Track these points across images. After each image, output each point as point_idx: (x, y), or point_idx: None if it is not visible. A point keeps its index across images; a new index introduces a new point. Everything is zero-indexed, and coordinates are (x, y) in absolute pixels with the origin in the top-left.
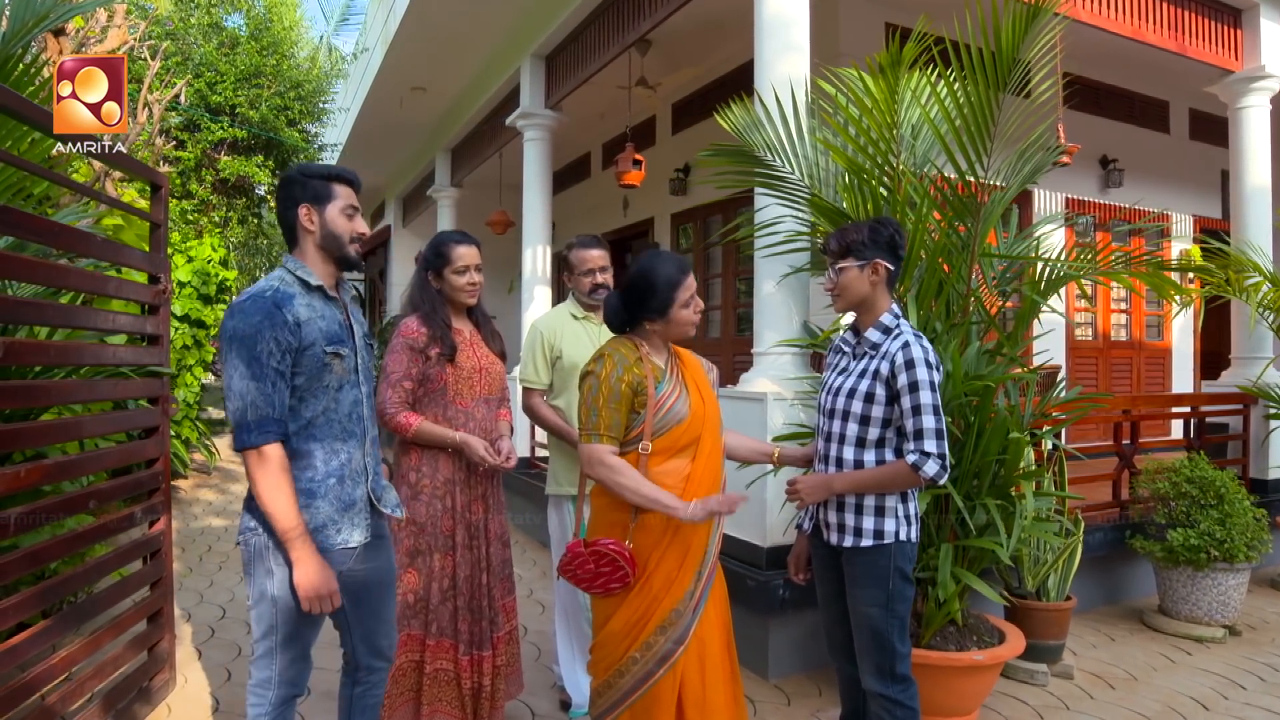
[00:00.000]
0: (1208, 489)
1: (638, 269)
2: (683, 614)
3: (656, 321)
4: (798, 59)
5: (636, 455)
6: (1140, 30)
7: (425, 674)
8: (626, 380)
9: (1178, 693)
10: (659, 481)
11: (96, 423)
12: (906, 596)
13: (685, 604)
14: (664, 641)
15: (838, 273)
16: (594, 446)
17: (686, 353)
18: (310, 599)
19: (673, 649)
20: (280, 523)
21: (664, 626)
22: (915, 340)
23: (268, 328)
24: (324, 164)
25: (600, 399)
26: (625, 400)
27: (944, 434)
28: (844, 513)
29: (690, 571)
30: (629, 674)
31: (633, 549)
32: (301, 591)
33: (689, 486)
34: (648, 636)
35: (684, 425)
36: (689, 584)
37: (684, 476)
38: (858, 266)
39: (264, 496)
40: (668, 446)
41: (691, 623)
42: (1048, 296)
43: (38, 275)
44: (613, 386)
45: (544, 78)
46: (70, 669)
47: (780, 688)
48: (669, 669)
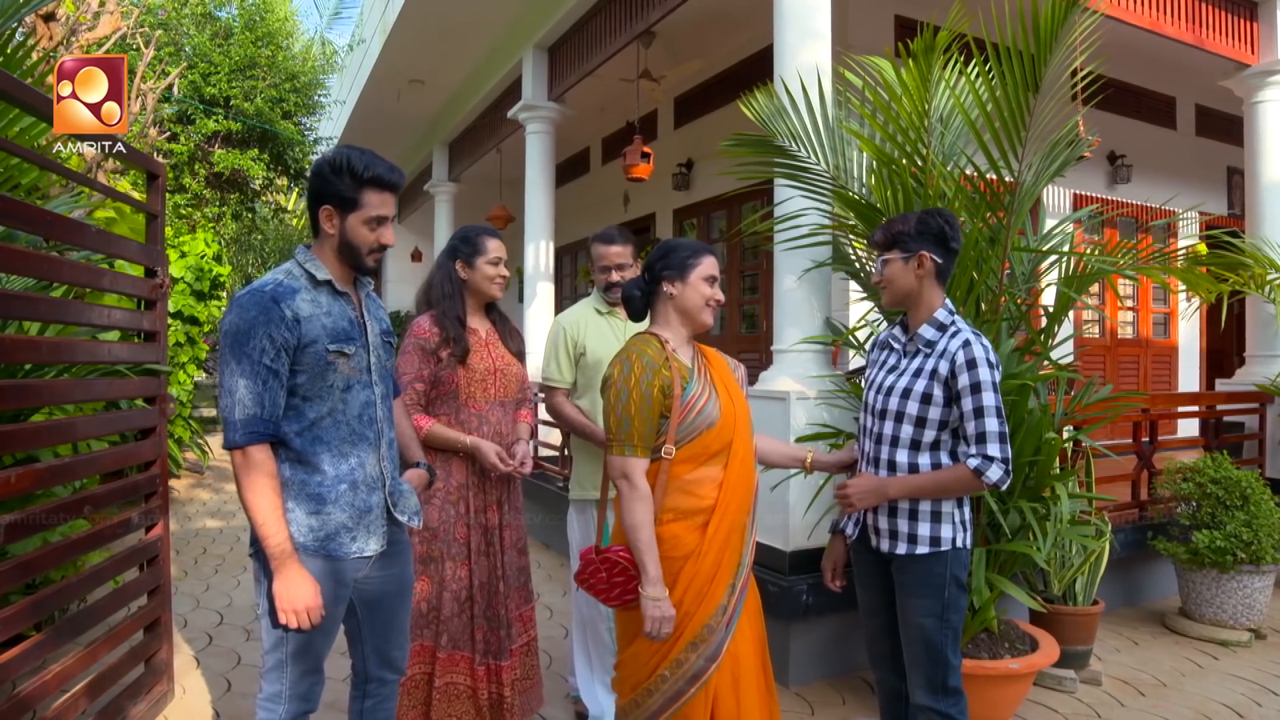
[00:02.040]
0: (1232, 489)
1: (664, 240)
2: (715, 629)
3: (675, 283)
4: (820, 46)
5: (660, 463)
6: (1158, 22)
7: (435, 688)
8: (658, 384)
9: (1209, 699)
10: (690, 491)
11: (91, 424)
12: (961, 606)
13: (718, 618)
14: (696, 659)
15: (882, 265)
16: (628, 460)
17: (713, 351)
18: (286, 612)
19: (705, 666)
20: (260, 529)
21: (695, 643)
22: (975, 339)
23: (262, 324)
24: (360, 157)
25: (632, 406)
26: (658, 405)
27: (1007, 437)
28: (897, 518)
29: (723, 584)
30: (658, 693)
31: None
32: (279, 604)
33: (723, 495)
34: (678, 654)
35: (715, 430)
36: (722, 597)
37: (717, 484)
38: (902, 259)
39: (245, 499)
40: (698, 453)
41: (725, 638)
42: (1081, 292)
43: (29, 267)
44: (644, 391)
45: (547, 70)
46: (65, 683)
47: (802, 696)
48: (701, 687)
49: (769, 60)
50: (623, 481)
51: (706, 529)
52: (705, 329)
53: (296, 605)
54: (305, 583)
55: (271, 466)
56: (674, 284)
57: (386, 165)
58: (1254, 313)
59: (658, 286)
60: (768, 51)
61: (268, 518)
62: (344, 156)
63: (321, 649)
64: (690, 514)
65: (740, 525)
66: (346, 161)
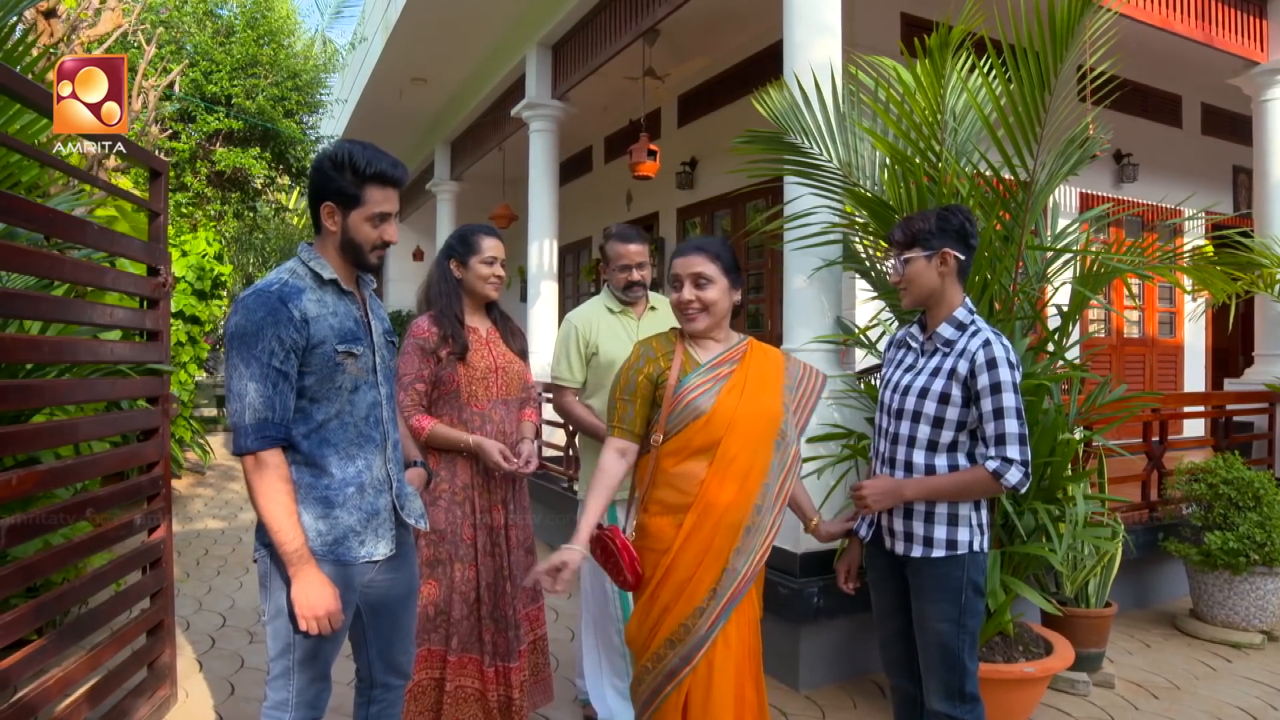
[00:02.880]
0: (1245, 490)
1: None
2: (692, 630)
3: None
4: (830, 41)
5: (651, 453)
6: (1168, 19)
7: (446, 692)
8: (645, 372)
9: (1224, 703)
10: (675, 485)
11: (93, 425)
12: (979, 610)
13: (695, 619)
14: (672, 656)
15: (904, 264)
16: (609, 439)
17: (764, 349)
18: (308, 619)
19: (680, 666)
20: (276, 534)
21: (673, 640)
22: (996, 338)
23: (270, 325)
24: (362, 152)
25: (618, 389)
26: (641, 392)
27: (1027, 439)
28: (913, 520)
29: (704, 587)
30: (644, 683)
31: (635, 542)
32: (299, 610)
33: (704, 494)
34: (657, 648)
35: (701, 423)
36: (701, 599)
37: (698, 482)
38: (925, 257)
39: (260, 505)
40: (682, 446)
41: (704, 641)
42: (1096, 291)
43: (30, 265)
44: (629, 378)
45: (551, 67)
46: (67, 688)
47: (813, 699)
48: (675, 687)
49: (774, 58)
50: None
51: (682, 526)
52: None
53: (317, 611)
54: (324, 586)
55: (285, 470)
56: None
57: (389, 160)
58: (1263, 312)
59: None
60: (773, 49)
61: (283, 522)
62: (345, 152)
63: (329, 655)
64: (675, 509)
65: (728, 530)
66: (348, 157)
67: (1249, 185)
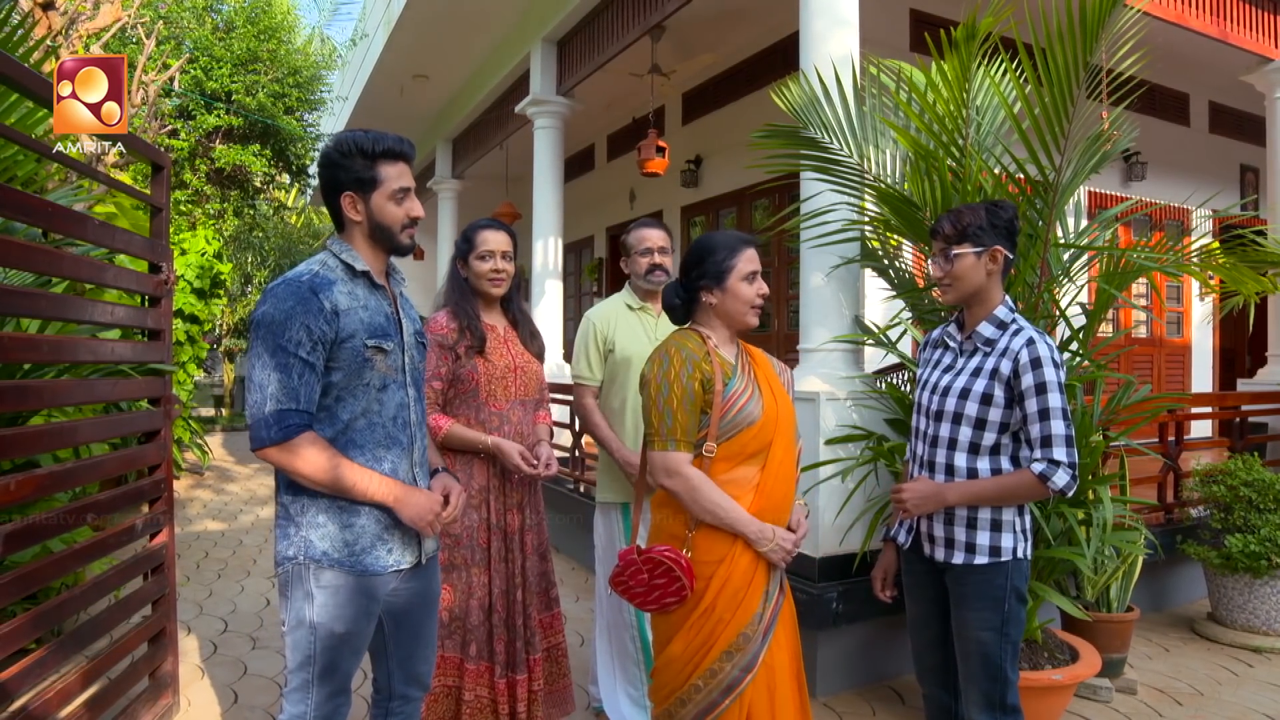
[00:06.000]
0: (1265, 492)
1: (697, 239)
2: (751, 638)
3: (714, 291)
4: (848, 34)
5: (700, 461)
6: (1184, 15)
7: (465, 701)
8: (698, 378)
9: (1249, 709)
10: (727, 492)
11: (93, 427)
12: (1021, 619)
13: (754, 627)
14: (730, 668)
15: (952, 260)
16: (670, 455)
17: (757, 350)
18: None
19: (740, 677)
20: (352, 492)
21: (730, 652)
22: (1039, 337)
23: (300, 314)
24: (365, 135)
25: (674, 399)
26: (699, 400)
27: (1074, 441)
28: (954, 526)
29: (758, 591)
30: (691, 703)
31: (690, 559)
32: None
33: (758, 498)
34: (712, 663)
35: (755, 428)
36: (757, 605)
37: (753, 486)
38: (975, 253)
39: (314, 480)
40: (736, 452)
41: (761, 648)
42: (1121, 289)
43: (28, 261)
44: (685, 385)
45: (556, 64)
46: (67, 699)
47: (830, 706)
48: (735, 699)
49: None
50: (676, 479)
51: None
52: (749, 329)
53: (428, 518)
54: (421, 496)
55: (320, 440)
56: (712, 293)
57: (394, 137)
58: (1276, 311)
59: (697, 295)
60: (781, 45)
61: (354, 480)
62: (349, 139)
63: (349, 669)
64: None
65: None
66: (353, 142)
67: (1256, 184)
